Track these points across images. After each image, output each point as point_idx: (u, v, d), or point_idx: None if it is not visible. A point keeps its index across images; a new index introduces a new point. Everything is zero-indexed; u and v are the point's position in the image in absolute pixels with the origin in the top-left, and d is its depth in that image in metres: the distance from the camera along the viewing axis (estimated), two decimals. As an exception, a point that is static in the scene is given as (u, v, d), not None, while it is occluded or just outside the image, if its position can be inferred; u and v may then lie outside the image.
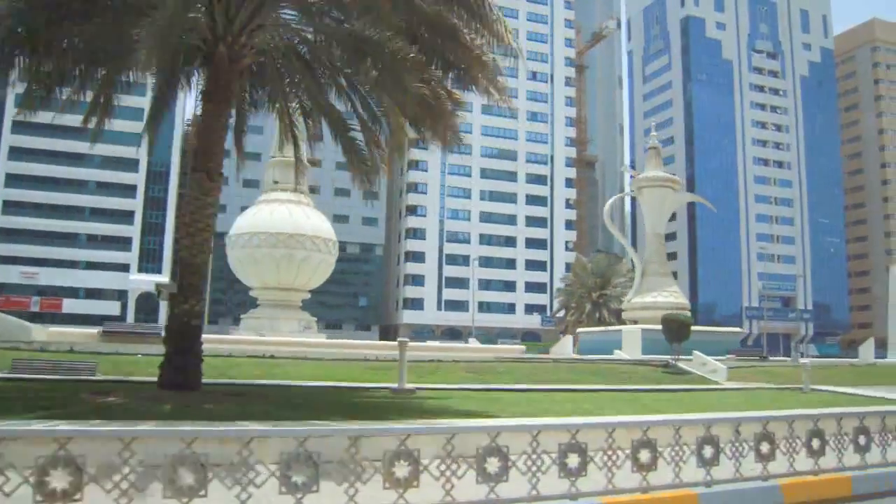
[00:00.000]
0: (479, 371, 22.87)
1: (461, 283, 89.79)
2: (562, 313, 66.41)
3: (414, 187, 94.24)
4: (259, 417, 9.86)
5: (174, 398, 12.60)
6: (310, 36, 15.99)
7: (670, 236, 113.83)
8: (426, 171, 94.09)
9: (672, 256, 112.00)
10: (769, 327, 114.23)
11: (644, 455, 7.13)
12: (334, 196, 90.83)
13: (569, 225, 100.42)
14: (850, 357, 46.03)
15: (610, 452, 6.93)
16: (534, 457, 6.49)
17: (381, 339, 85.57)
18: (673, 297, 44.26)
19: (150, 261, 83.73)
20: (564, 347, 38.69)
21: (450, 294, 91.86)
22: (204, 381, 14.25)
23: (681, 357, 31.96)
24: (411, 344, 20.06)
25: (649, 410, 14.38)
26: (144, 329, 31.15)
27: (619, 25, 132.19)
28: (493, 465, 6.27)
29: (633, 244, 68.31)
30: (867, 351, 42.49)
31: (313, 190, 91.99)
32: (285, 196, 38.45)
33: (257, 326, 36.09)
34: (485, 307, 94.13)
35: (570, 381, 21.35)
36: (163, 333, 14.99)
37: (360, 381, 18.88)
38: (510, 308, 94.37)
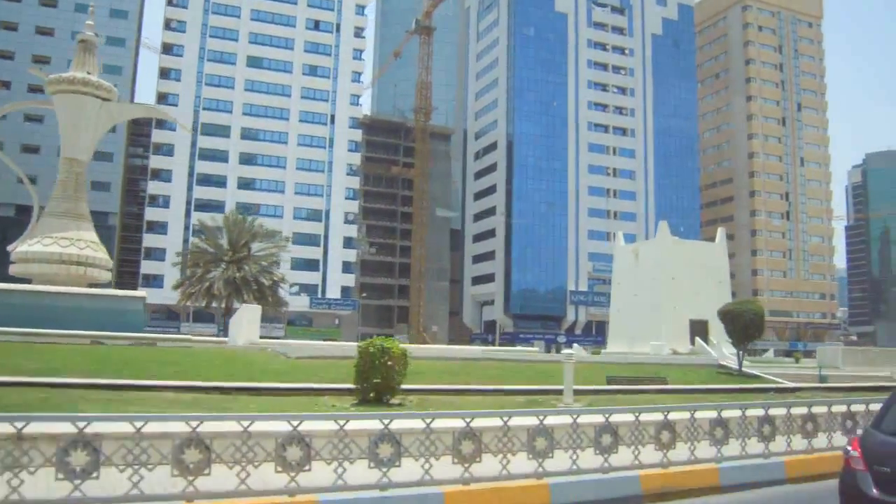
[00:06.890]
0: None
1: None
2: (185, 285, 53.34)
3: (158, 148, 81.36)
4: None
5: None
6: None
7: (490, 211, 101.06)
8: (173, 130, 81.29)
9: (490, 234, 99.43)
10: (599, 314, 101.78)
11: None
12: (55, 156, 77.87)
13: (350, 193, 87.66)
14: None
15: None
16: None
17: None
18: (75, 245, 31.43)
19: None
20: None
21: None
22: None
23: None
24: None
25: None
26: None
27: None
28: None
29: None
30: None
31: (35, 150, 79.39)
32: None
33: None
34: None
35: None
36: None
37: None
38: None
